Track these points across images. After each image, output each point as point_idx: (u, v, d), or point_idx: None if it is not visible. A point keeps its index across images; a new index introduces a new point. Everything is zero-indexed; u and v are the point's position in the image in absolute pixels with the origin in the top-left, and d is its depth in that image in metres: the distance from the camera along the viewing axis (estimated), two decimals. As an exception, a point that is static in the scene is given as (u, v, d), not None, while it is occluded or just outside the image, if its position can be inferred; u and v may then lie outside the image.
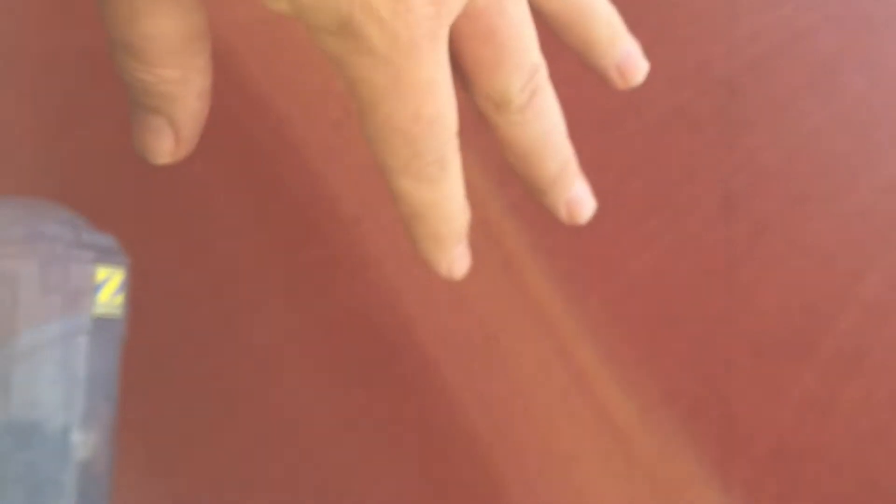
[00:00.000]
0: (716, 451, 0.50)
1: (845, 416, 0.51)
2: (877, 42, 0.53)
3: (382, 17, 0.23)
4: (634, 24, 0.43)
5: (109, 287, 0.32)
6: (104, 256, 0.32)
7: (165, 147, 0.27)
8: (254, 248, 0.57)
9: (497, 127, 0.29)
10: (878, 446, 0.51)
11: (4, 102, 0.62)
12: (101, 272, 0.32)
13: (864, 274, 0.51)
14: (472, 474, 0.53)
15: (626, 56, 0.31)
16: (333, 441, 0.53)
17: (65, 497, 0.30)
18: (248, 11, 0.52)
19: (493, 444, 0.53)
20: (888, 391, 0.51)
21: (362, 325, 0.54)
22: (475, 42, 0.27)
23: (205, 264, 0.58)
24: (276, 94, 0.54)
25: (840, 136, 0.53)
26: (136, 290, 0.37)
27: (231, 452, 0.53)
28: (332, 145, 0.54)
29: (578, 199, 0.31)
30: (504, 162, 0.32)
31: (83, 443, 0.31)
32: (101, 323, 0.32)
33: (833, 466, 0.50)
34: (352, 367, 0.54)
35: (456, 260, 0.30)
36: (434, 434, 0.53)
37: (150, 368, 0.51)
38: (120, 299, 0.33)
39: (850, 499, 0.50)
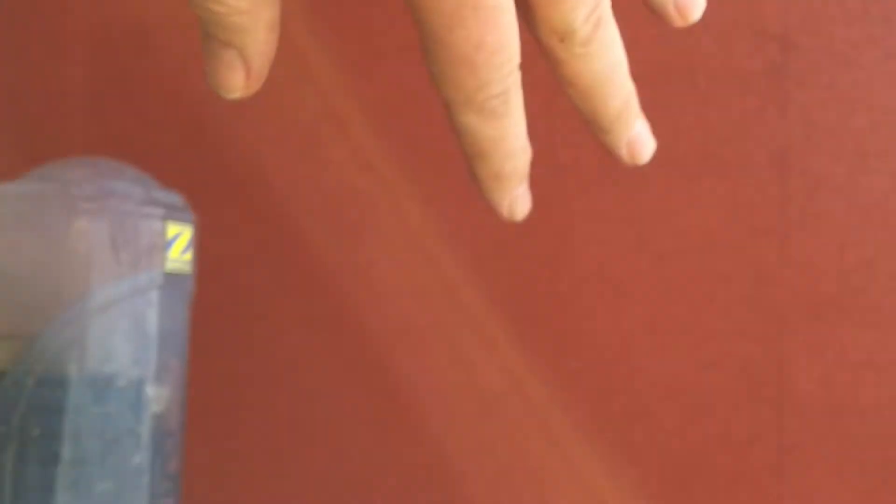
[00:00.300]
0: (770, 412, 0.50)
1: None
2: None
3: None
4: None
5: (179, 244, 0.32)
6: (173, 213, 0.32)
7: (237, 81, 0.27)
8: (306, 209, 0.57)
9: (560, 61, 0.29)
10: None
11: (65, 73, 0.63)
12: (172, 229, 0.32)
13: (921, 231, 0.51)
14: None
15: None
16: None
17: (140, 450, 0.31)
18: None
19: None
20: (945, 349, 0.51)
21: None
22: None
23: (262, 223, 0.58)
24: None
25: None
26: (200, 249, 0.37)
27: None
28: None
29: (640, 138, 0.31)
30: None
31: (157, 397, 0.31)
32: (172, 279, 0.32)
33: (891, 427, 0.50)
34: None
35: (517, 200, 0.30)
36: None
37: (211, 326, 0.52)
38: (189, 256, 0.33)
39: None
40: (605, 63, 0.29)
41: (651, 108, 0.54)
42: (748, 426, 0.50)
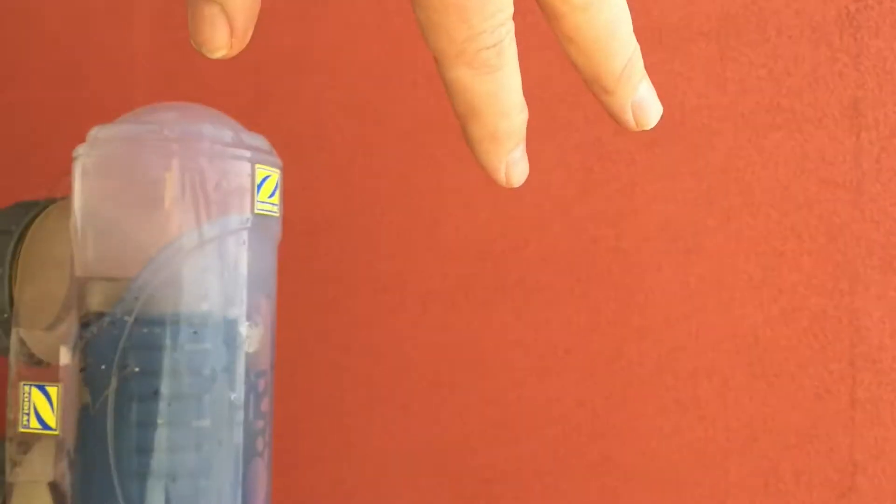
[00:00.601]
0: (842, 367, 0.50)
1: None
2: None
3: None
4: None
5: (267, 186, 0.33)
6: (261, 157, 0.33)
7: (221, 39, 0.26)
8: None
9: (560, 16, 0.27)
10: None
11: (129, 44, 0.63)
12: (260, 171, 0.32)
13: None
14: None
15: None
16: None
17: (235, 387, 0.31)
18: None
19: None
20: None
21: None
22: None
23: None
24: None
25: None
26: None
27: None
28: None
29: (646, 101, 0.29)
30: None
31: (250, 336, 0.32)
32: (261, 220, 0.32)
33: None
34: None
35: (514, 164, 0.28)
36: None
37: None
38: (276, 198, 0.33)
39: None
40: (608, 17, 0.27)
41: (719, 61, 0.53)
42: (819, 381, 0.50)
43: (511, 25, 0.25)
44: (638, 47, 0.28)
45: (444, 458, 0.56)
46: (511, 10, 0.25)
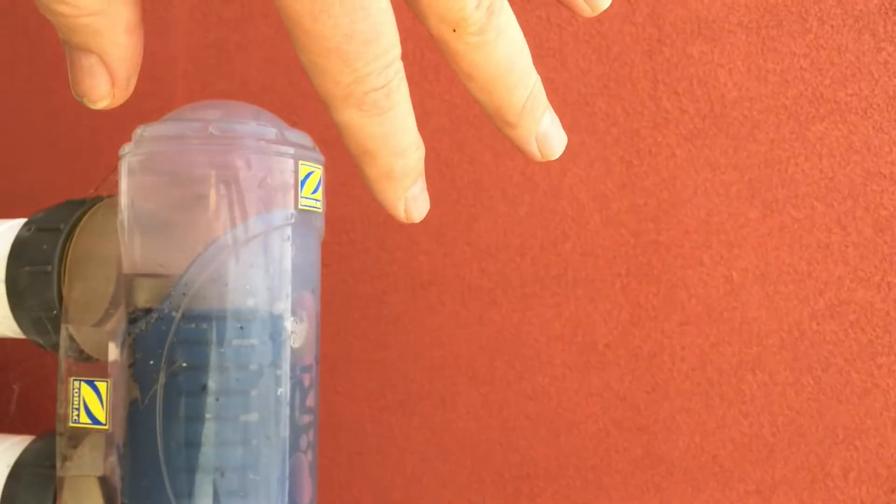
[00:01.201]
0: (890, 359, 0.49)
1: None
2: None
3: None
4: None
5: (311, 182, 0.33)
6: (305, 153, 0.33)
7: (101, 89, 0.25)
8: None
9: (455, 53, 0.26)
10: None
11: (168, 47, 0.64)
12: (304, 168, 0.32)
13: None
14: None
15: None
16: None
17: (282, 382, 0.32)
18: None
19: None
20: None
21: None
22: None
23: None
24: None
25: None
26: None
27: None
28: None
29: (550, 133, 0.28)
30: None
31: (295, 331, 0.32)
32: (305, 216, 0.32)
33: None
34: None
35: (413, 200, 0.27)
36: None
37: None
38: (319, 195, 0.33)
39: None
40: (504, 52, 0.26)
41: (760, 53, 0.53)
42: (867, 375, 0.49)
43: (400, 65, 0.24)
44: (538, 79, 0.27)
45: (484, 454, 0.56)
46: (398, 49, 0.24)
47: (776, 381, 0.51)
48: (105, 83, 0.25)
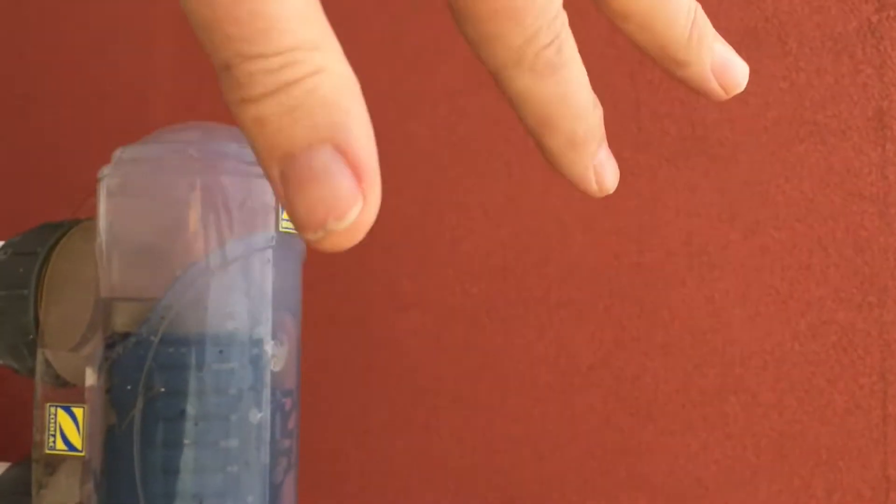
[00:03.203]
0: (873, 381, 0.49)
1: None
2: None
3: None
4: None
5: (292, 204, 0.32)
6: (285, 174, 0.32)
7: (346, 192, 0.13)
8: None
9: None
10: None
11: (151, 66, 0.64)
12: (284, 189, 0.32)
13: None
14: None
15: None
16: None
17: (262, 407, 0.31)
18: None
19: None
20: None
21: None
22: None
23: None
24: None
25: None
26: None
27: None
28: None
29: (728, 61, 0.26)
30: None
31: (276, 355, 0.32)
32: (285, 239, 0.32)
33: None
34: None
35: (603, 168, 0.25)
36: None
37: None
38: (301, 217, 0.33)
39: None
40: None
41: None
42: (849, 396, 0.49)
43: (564, 16, 0.23)
44: (698, 5, 0.26)
45: (468, 477, 0.55)
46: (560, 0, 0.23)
47: (759, 403, 0.51)
48: (349, 181, 0.16)
